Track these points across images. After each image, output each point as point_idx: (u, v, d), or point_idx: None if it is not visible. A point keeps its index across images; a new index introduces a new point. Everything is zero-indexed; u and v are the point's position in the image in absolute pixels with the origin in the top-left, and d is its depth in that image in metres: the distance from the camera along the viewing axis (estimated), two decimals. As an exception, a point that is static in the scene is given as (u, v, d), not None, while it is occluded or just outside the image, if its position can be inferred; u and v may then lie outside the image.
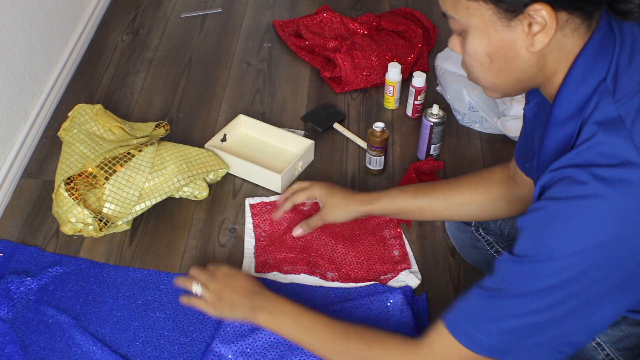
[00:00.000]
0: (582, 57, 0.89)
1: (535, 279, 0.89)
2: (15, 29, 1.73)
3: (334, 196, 1.43)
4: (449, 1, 0.92)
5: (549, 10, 0.85)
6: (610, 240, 0.84)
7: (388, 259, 1.50)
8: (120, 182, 1.56)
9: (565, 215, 0.86)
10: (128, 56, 2.11)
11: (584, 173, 0.85)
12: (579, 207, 0.85)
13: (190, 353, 1.34)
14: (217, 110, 1.92)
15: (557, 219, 0.86)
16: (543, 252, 0.88)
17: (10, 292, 1.42)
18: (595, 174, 0.84)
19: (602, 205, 0.84)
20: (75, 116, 1.71)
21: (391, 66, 1.86)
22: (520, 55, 0.90)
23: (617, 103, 0.86)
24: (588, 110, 0.88)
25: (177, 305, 1.42)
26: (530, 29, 0.87)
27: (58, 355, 1.33)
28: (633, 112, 0.86)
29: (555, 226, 0.87)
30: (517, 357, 0.96)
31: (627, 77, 0.88)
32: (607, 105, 0.87)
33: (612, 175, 0.83)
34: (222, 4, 2.34)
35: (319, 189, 1.45)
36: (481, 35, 0.90)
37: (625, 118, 0.85)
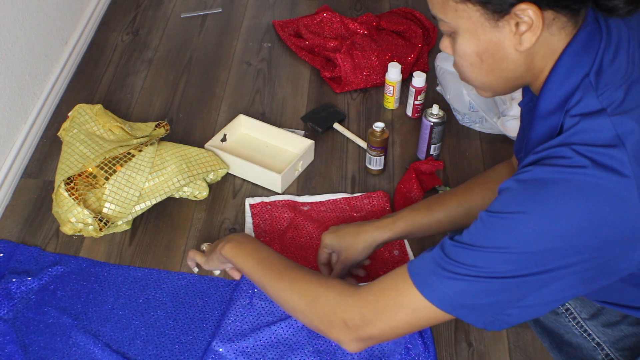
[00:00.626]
0: (567, 53, 0.90)
1: (504, 235, 0.88)
2: (15, 29, 1.73)
3: (345, 239, 1.35)
4: (437, 4, 0.93)
5: (535, 9, 0.86)
6: (589, 216, 0.84)
7: (388, 259, 1.50)
8: (120, 182, 1.56)
9: (547, 182, 0.85)
10: (128, 56, 2.11)
11: (566, 149, 0.86)
12: (563, 174, 0.85)
13: (191, 352, 1.34)
14: (217, 110, 1.92)
15: (539, 183, 0.86)
16: (516, 210, 0.87)
17: (10, 292, 1.42)
18: (577, 151, 0.85)
19: (585, 179, 0.83)
20: (75, 116, 1.71)
21: (391, 66, 1.86)
22: (508, 55, 0.91)
23: (600, 97, 0.88)
24: (571, 103, 0.89)
25: (178, 304, 1.42)
26: (518, 28, 0.88)
27: (58, 355, 1.33)
28: (615, 104, 0.87)
29: (535, 190, 0.86)
30: (464, 313, 0.94)
31: (611, 72, 0.89)
32: (589, 99, 0.88)
33: (593, 153, 0.84)
34: (222, 4, 2.34)
35: (327, 238, 1.37)
36: (470, 37, 0.92)
37: (607, 108, 0.87)
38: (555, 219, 0.85)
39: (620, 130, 0.85)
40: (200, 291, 1.45)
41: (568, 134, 0.88)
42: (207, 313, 1.41)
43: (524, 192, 0.87)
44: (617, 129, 0.85)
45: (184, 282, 1.46)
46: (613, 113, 0.86)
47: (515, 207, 0.87)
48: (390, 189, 1.69)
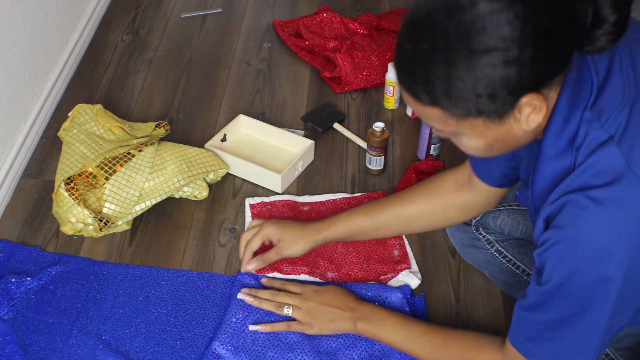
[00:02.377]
0: (563, 97, 0.92)
1: (562, 299, 0.96)
2: (15, 29, 1.73)
3: (286, 231, 1.41)
4: (434, 120, 0.93)
5: (534, 96, 0.87)
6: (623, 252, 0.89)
7: (388, 259, 1.50)
8: (120, 182, 1.56)
9: (575, 242, 0.91)
10: (128, 56, 2.11)
11: (581, 197, 0.90)
12: (585, 231, 0.90)
13: (193, 348, 1.34)
14: (217, 110, 1.92)
15: (568, 246, 0.92)
16: (561, 275, 0.95)
17: (10, 292, 1.42)
18: (592, 197, 0.89)
19: (607, 224, 0.89)
20: (75, 116, 1.71)
21: (391, 66, 1.86)
22: (518, 136, 0.93)
23: (604, 125, 0.90)
24: (579, 140, 0.91)
25: (178, 301, 1.42)
26: (522, 113, 0.89)
27: (58, 355, 1.33)
28: (621, 128, 0.89)
29: (567, 253, 0.92)
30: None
31: (608, 98, 0.91)
32: (595, 131, 0.90)
33: (608, 196, 0.88)
34: (222, 4, 2.34)
35: (269, 227, 1.42)
36: (476, 137, 0.93)
37: (614, 135, 0.89)
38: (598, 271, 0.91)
39: (629, 156, 0.88)
40: (200, 288, 1.45)
41: (580, 172, 0.91)
42: (207, 309, 1.41)
43: (560, 260, 0.94)
44: (624, 152, 0.88)
45: (184, 279, 1.47)
46: (620, 139, 0.88)
47: (563, 274, 0.94)
48: (390, 189, 1.69)
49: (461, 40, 0.84)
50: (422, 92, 0.89)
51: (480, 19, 0.83)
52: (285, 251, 1.40)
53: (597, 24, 0.87)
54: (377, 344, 1.32)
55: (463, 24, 0.83)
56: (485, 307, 1.43)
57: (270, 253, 1.41)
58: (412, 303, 1.40)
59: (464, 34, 0.84)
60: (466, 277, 1.48)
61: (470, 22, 0.83)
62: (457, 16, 0.84)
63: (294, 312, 1.33)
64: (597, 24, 0.87)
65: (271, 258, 1.41)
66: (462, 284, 1.47)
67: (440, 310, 1.42)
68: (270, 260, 1.42)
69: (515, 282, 1.39)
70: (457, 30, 0.84)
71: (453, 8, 0.84)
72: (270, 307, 1.36)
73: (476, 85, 0.85)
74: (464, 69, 0.85)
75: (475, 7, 0.83)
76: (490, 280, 1.46)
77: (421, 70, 0.88)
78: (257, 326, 1.33)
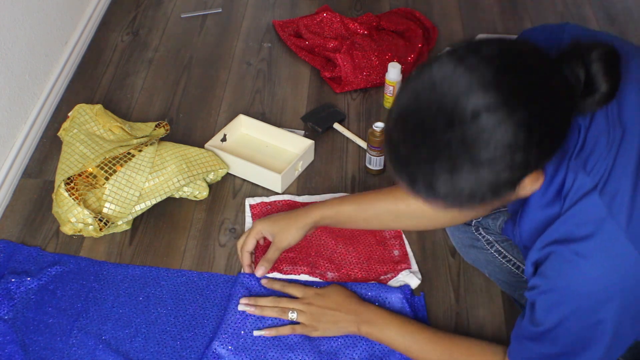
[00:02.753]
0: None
1: (557, 340, 1.00)
2: (15, 29, 1.73)
3: (277, 224, 1.40)
4: (436, 206, 0.93)
5: (535, 173, 0.90)
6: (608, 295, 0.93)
7: (388, 259, 1.50)
8: (120, 182, 1.56)
9: (564, 292, 0.95)
10: (128, 56, 2.11)
11: (565, 250, 0.92)
12: (573, 283, 0.94)
13: (193, 348, 1.34)
14: (217, 110, 1.92)
15: (557, 296, 0.96)
16: (553, 320, 0.99)
17: (10, 292, 1.42)
18: (576, 251, 0.91)
19: (592, 278, 0.92)
20: (75, 116, 1.71)
21: (391, 66, 1.86)
22: (511, 198, 0.96)
23: (590, 174, 0.91)
24: (566, 189, 0.93)
25: (178, 301, 1.42)
26: (520, 186, 0.90)
27: (58, 355, 1.33)
28: (606, 174, 0.91)
29: (557, 302, 0.97)
30: None
31: (594, 142, 0.92)
32: (581, 179, 0.92)
33: (592, 249, 0.91)
34: (222, 4, 2.34)
35: (260, 224, 1.41)
36: (476, 211, 0.99)
37: (598, 183, 0.91)
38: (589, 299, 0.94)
39: (611, 205, 0.90)
40: (200, 287, 1.45)
41: (563, 220, 0.93)
42: (207, 309, 1.41)
43: (550, 307, 0.98)
44: (607, 205, 0.90)
45: (184, 279, 1.47)
46: (603, 187, 0.90)
47: (553, 320, 0.98)
48: (390, 189, 1.69)
49: (465, 152, 0.83)
50: (423, 192, 0.89)
51: (485, 132, 0.82)
52: (282, 244, 1.39)
53: (589, 93, 0.89)
54: (377, 344, 1.32)
55: (467, 138, 0.82)
56: (485, 307, 1.43)
57: (270, 252, 1.41)
58: (412, 303, 1.40)
59: (468, 148, 0.82)
60: (466, 277, 1.48)
61: (474, 136, 0.82)
62: (459, 128, 0.82)
63: (299, 316, 1.33)
64: (589, 93, 0.89)
65: (272, 256, 1.40)
66: (462, 284, 1.47)
67: (440, 310, 1.42)
68: (273, 259, 1.40)
69: (515, 282, 1.39)
70: (461, 143, 0.82)
71: (454, 119, 0.82)
72: (273, 313, 1.35)
73: (480, 187, 0.86)
74: (468, 176, 0.84)
75: (478, 120, 0.81)
76: (490, 280, 1.46)
77: (421, 176, 0.87)
78: (262, 331, 1.33)
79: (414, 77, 0.88)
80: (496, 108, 0.81)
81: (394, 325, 1.28)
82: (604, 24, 2.25)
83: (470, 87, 0.82)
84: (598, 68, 0.88)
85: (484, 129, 0.81)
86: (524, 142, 0.83)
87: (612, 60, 0.89)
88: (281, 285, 1.40)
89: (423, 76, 0.86)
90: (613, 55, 0.89)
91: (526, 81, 0.83)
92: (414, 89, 0.86)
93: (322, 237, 1.53)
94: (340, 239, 1.53)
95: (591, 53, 0.88)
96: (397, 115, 0.88)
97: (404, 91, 0.88)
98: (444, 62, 0.85)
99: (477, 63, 0.83)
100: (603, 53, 0.89)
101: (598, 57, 0.88)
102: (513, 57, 0.85)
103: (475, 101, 0.81)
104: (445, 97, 0.83)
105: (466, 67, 0.83)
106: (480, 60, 0.83)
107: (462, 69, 0.83)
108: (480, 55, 0.84)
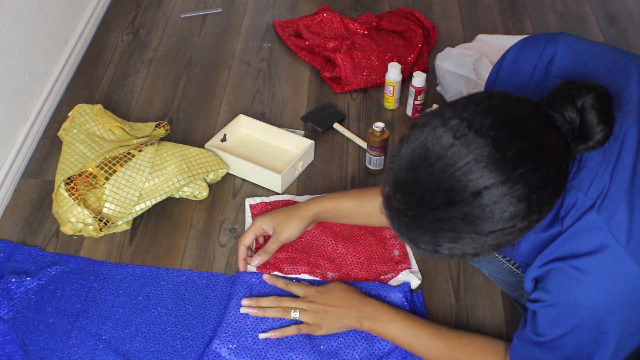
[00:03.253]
0: None
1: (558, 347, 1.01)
2: (15, 29, 1.73)
3: (277, 217, 1.42)
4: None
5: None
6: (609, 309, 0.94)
7: (388, 259, 1.50)
8: (120, 182, 1.56)
9: (566, 307, 0.97)
10: (128, 56, 2.11)
11: (566, 266, 0.93)
12: (574, 299, 0.94)
13: (193, 347, 1.34)
14: (217, 110, 1.92)
15: (559, 311, 0.97)
16: (557, 333, 1.00)
17: (10, 292, 1.42)
18: (577, 267, 0.92)
19: (593, 291, 0.93)
20: (75, 116, 1.71)
21: (391, 66, 1.86)
22: None
23: (587, 193, 0.92)
24: (564, 211, 0.94)
25: (178, 300, 1.42)
26: None
27: (58, 355, 1.33)
28: (603, 193, 0.92)
29: (559, 317, 0.98)
30: None
31: (591, 161, 0.93)
32: (579, 200, 0.93)
33: (594, 265, 0.91)
34: (222, 4, 2.34)
35: (260, 220, 1.43)
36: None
37: (595, 203, 0.91)
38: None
39: (609, 223, 0.90)
40: (200, 287, 1.45)
41: (564, 237, 0.94)
42: (207, 309, 1.41)
43: (551, 321, 0.99)
44: (606, 223, 0.91)
45: (183, 278, 1.47)
46: (600, 206, 0.91)
47: (555, 333, 0.99)
48: (390, 189, 1.69)
49: (467, 226, 0.84)
50: (426, 252, 0.91)
51: (486, 208, 0.83)
52: (281, 236, 1.41)
53: (583, 140, 0.89)
54: (377, 343, 1.32)
55: (468, 215, 0.83)
56: (485, 307, 1.43)
57: (269, 243, 1.42)
58: (411, 301, 1.40)
59: (470, 223, 0.84)
60: (466, 277, 1.48)
61: (475, 214, 0.83)
62: (460, 207, 0.83)
63: (301, 315, 1.33)
64: (583, 140, 0.89)
65: (271, 247, 1.41)
66: (462, 284, 1.47)
67: (440, 309, 1.42)
68: (272, 250, 1.41)
69: (515, 282, 1.39)
70: (462, 220, 0.84)
71: (454, 198, 0.83)
72: (276, 313, 1.35)
73: (483, 249, 0.88)
74: (471, 242, 0.86)
75: (478, 198, 0.82)
76: (490, 280, 1.46)
77: (424, 244, 0.89)
78: (267, 333, 1.33)
79: (407, 141, 0.88)
80: (496, 185, 0.82)
81: (397, 321, 1.29)
82: (604, 24, 2.25)
83: (469, 166, 0.82)
84: (592, 116, 0.88)
85: (485, 206, 0.83)
86: (525, 212, 0.84)
87: (605, 104, 0.89)
88: (284, 283, 1.40)
89: (418, 144, 0.86)
90: (605, 98, 0.89)
91: (524, 151, 0.83)
92: (410, 159, 0.86)
93: (323, 236, 1.53)
94: (340, 238, 1.53)
95: (584, 98, 0.88)
96: (395, 184, 0.88)
97: (399, 157, 0.88)
98: (438, 133, 0.85)
99: (472, 139, 0.83)
100: (596, 98, 0.88)
101: (591, 103, 0.88)
102: (507, 125, 0.84)
103: (475, 181, 0.82)
104: (443, 174, 0.83)
105: (462, 144, 0.83)
106: (475, 134, 0.83)
107: (457, 146, 0.83)
108: (474, 128, 0.83)
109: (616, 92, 0.97)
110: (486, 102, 0.86)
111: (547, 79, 1.02)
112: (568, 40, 1.05)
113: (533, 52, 1.06)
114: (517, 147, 0.83)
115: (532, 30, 2.23)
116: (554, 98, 0.90)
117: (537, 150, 0.84)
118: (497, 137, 0.83)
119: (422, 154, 0.85)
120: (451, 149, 0.83)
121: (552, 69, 1.02)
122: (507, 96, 0.88)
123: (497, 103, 0.86)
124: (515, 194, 0.82)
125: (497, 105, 0.86)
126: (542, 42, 1.06)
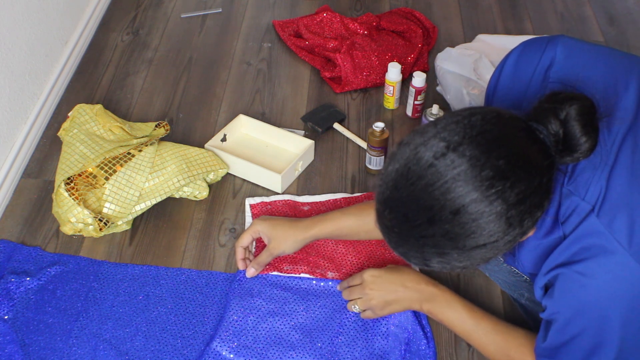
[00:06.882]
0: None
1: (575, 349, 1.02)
2: (16, 29, 1.73)
3: (276, 229, 1.42)
4: None
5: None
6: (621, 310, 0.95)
7: (389, 259, 1.50)
8: (120, 182, 1.56)
9: (573, 312, 0.98)
10: (128, 56, 2.11)
11: (571, 272, 0.94)
12: (580, 303, 0.96)
13: (194, 346, 1.34)
14: (217, 110, 1.92)
15: (567, 316, 0.99)
16: (568, 334, 1.01)
17: (10, 292, 1.42)
18: (581, 272, 0.93)
19: (597, 293, 0.94)
20: (75, 116, 1.71)
21: (391, 66, 1.86)
22: None
23: (585, 197, 0.93)
24: (562, 215, 0.95)
25: (178, 300, 1.42)
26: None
27: (58, 355, 1.33)
28: (600, 197, 0.92)
29: (568, 321, 0.99)
30: None
31: (583, 166, 0.93)
32: (578, 205, 0.93)
33: (598, 269, 0.92)
34: (222, 4, 2.34)
35: (259, 224, 1.43)
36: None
37: (594, 207, 0.92)
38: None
39: (610, 227, 0.91)
40: (200, 286, 1.45)
41: (567, 245, 0.95)
42: (207, 307, 1.41)
43: (564, 325, 1.00)
44: (607, 227, 0.91)
45: (183, 277, 1.47)
46: (599, 210, 0.92)
47: (568, 334, 1.00)
48: (390, 189, 1.69)
49: (450, 242, 0.87)
50: (419, 265, 0.93)
51: (465, 225, 0.85)
52: (275, 250, 1.42)
53: (568, 152, 0.90)
54: (377, 343, 1.32)
55: (449, 233, 0.86)
56: (485, 307, 1.42)
57: (262, 255, 1.43)
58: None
59: (453, 239, 0.86)
60: (466, 277, 1.48)
61: (456, 231, 0.85)
62: (439, 225, 0.86)
63: (361, 304, 1.34)
64: (568, 152, 0.90)
65: (264, 260, 1.43)
66: (462, 284, 1.47)
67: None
68: (264, 262, 1.43)
69: (515, 282, 1.38)
70: (444, 236, 0.86)
71: (434, 217, 0.86)
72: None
73: (473, 263, 0.89)
74: (458, 257, 0.88)
75: (457, 217, 0.84)
76: (490, 280, 1.46)
77: (413, 258, 0.92)
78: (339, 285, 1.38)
79: (393, 159, 0.90)
80: (474, 203, 0.84)
81: (457, 307, 1.27)
82: (604, 24, 2.25)
83: (447, 186, 0.84)
84: (575, 128, 0.89)
85: (465, 223, 0.85)
86: (505, 228, 0.86)
87: (589, 115, 0.90)
88: (346, 283, 1.40)
89: (402, 162, 0.88)
90: (589, 109, 0.90)
91: (500, 169, 0.85)
92: (394, 178, 0.89)
93: (322, 237, 1.53)
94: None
95: (567, 110, 0.89)
96: (383, 201, 0.91)
97: (386, 175, 0.91)
98: (419, 152, 0.87)
99: (450, 158, 0.85)
100: (579, 110, 0.89)
101: (574, 115, 0.89)
102: (485, 144, 0.86)
103: (453, 200, 0.84)
104: (423, 193, 0.86)
105: (440, 164, 0.85)
106: (453, 153, 0.85)
107: (436, 166, 0.85)
108: (452, 147, 0.85)
109: (614, 95, 0.97)
110: (466, 120, 0.88)
111: (545, 84, 1.02)
112: (568, 44, 1.05)
113: (533, 56, 1.07)
114: (493, 165, 0.84)
115: (532, 31, 2.23)
116: (538, 110, 0.91)
117: (514, 167, 0.85)
118: (473, 156, 0.85)
119: (404, 173, 0.88)
120: (430, 169, 0.85)
121: (551, 74, 1.03)
122: (487, 113, 0.89)
123: (476, 121, 0.88)
124: (493, 211, 0.84)
125: (475, 123, 0.88)
126: (542, 45, 1.06)
